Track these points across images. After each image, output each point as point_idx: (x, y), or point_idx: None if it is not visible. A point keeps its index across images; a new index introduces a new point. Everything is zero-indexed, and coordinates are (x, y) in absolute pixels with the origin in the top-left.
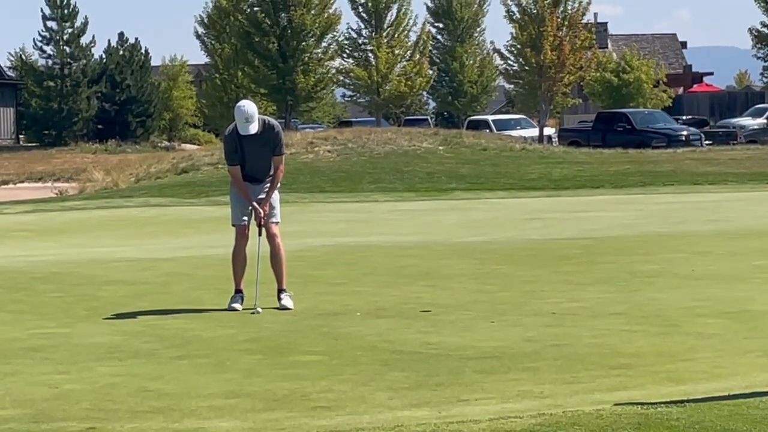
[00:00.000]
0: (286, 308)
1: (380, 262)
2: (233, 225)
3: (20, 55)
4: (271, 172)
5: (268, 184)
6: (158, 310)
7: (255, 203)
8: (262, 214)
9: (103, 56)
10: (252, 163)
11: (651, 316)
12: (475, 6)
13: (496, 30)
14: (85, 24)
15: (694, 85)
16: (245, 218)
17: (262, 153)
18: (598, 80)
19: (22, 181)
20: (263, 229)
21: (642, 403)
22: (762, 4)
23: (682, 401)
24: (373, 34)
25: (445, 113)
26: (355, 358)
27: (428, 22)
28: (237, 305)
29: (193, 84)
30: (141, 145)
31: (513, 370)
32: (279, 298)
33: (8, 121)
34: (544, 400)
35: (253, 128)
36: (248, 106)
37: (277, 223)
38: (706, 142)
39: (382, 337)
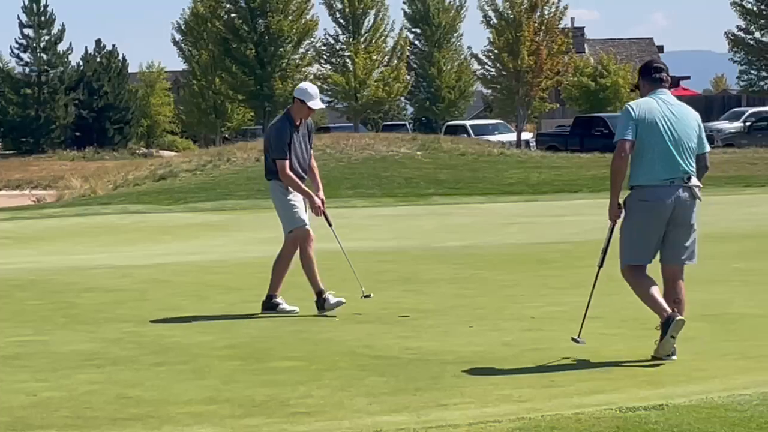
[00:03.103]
0: (293, 312)
1: (359, 267)
2: (292, 230)
3: None
4: (309, 165)
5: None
6: (137, 317)
7: (319, 196)
8: (323, 206)
9: (81, 63)
10: (298, 158)
11: (629, 320)
12: (453, 11)
13: (474, 35)
14: (62, 31)
15: (671, 90)
16: (306, 219)
17: (304, 146)
18: (575, 85)
19: (0, 189)
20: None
21: (621, 407)
22: (738, 9)
23: (660, 404)
24: (351, 39)
25: (423, 118)
26: (334, 364)
27: (406, 28)
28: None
29: (171, 90)
30: (119, 152)
31: (492, 375)
32: (274, 305)
33: None
34: (523, 404)
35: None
36: (310, 84)
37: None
38: None
39: (361, 342)
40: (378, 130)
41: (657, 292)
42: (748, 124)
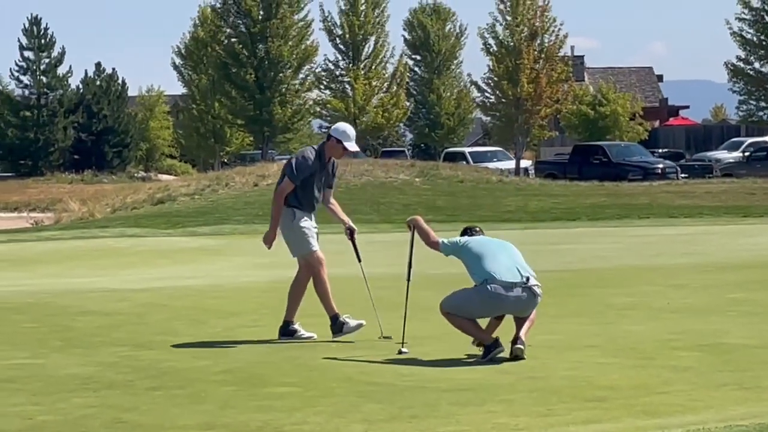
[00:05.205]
0: (310, 338)
1: (354, 293)
2: (306, 254)
3: None
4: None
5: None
6: (133, 341)
7: (349, 224)
8: (354, 234)
9: (80, 86)
10: (316, 191)
11: (626, 349)
12: (453, 39)
13: (474, 62)
14: (62, 54)
15: (670, 119)
16: (317, 244)
17: (325, 183)
18: (574, 113)
19: None
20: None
21: None
22: (738, 39)
23: None
24: (351, 65)
25: (422, 145)
26: (331, 390)
27: (405, 54)
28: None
29: (170, 114)
30: (117, 175)
31: (488, 403)
32: (292, 332)
33: None
34: None
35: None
36: (349, 126)
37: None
38: (682, 175)
39: (357, 368)
40: (377, 156)
41: (475, 323)
42: (746, 154)
